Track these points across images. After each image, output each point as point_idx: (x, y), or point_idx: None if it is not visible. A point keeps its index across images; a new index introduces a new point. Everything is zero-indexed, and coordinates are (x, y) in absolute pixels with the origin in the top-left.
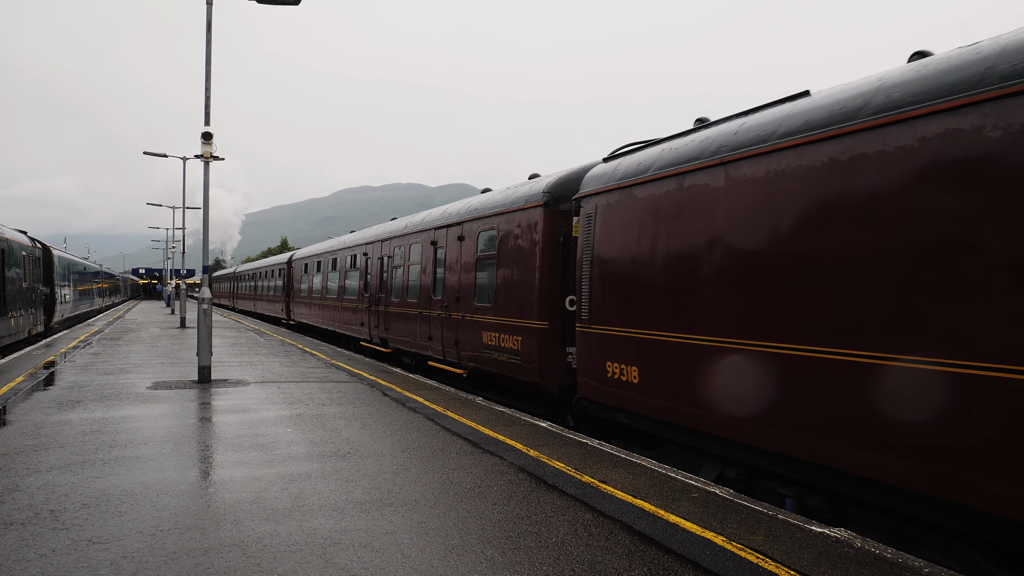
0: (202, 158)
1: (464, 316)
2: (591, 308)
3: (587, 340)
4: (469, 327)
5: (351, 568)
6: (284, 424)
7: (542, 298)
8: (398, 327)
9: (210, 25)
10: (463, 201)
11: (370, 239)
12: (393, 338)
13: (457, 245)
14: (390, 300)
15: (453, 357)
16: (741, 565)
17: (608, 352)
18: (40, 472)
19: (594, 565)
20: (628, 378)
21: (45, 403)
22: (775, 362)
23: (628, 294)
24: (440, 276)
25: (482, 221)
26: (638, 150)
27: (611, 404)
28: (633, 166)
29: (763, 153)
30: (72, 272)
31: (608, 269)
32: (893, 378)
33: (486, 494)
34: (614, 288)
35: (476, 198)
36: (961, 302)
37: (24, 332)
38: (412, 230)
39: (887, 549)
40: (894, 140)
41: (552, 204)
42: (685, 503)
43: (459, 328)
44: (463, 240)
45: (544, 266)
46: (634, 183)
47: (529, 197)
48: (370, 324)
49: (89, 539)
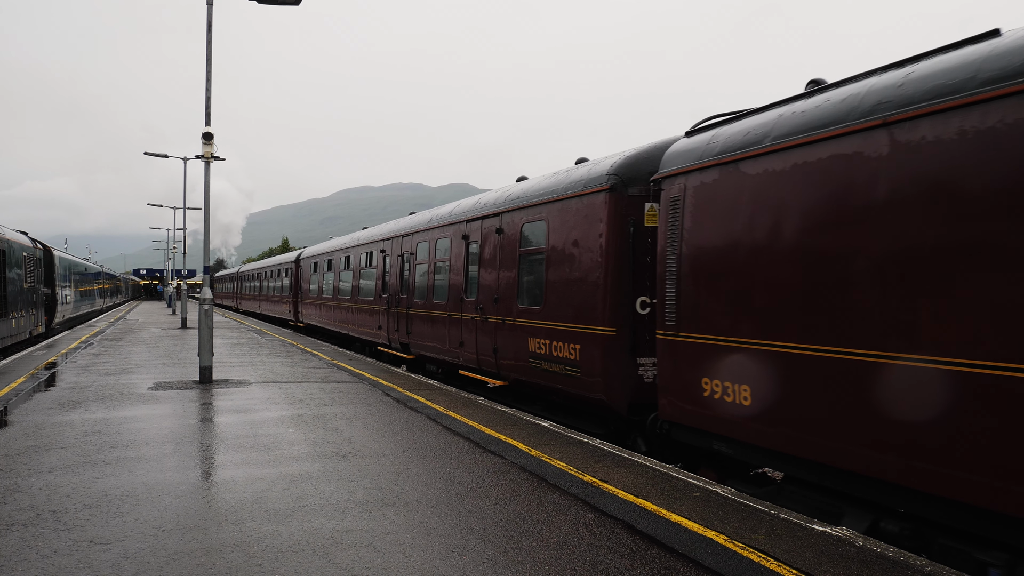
0: (203, 158)
1: (504, 320)
2: (679, 312)
3: (673, 351)
4: (511, 332)
5: (353, 568)
6: (286, 424)
7: (608, 300)
8: (422, 331)
9: (210, 25)
10: (499, 190)
11: (388, 234)
12: (416, 343)
13: (495, 239)
14: (412, 301)
15: (490, 366)
16: (743, 564)
17: (705, 366)
18: (42, 473)
19: (596, 564)
20: (735, 399)
21: (46, 404)
22: (985, 388)
23: (738, 295)
24: (473, 274)
25: (527, 211)
26: (730, 121)
27: (707, 429)
28: (738, 137)
29: (954, 107)
30: (73, 273)
31: (706, 264)
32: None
33: (488, 494)
34: (715, 287)
35: (516, 186)
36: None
37: (25, 333)
38: (439, 223)
39: (888, 548)
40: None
41: (619, 188)
42: (687, 502)
43: (498, 333)
44: (502, 233)
45: (611, 262)
46: (742, 156)
47: (589, 181)
48: (389, 327)
49: (91, 540)
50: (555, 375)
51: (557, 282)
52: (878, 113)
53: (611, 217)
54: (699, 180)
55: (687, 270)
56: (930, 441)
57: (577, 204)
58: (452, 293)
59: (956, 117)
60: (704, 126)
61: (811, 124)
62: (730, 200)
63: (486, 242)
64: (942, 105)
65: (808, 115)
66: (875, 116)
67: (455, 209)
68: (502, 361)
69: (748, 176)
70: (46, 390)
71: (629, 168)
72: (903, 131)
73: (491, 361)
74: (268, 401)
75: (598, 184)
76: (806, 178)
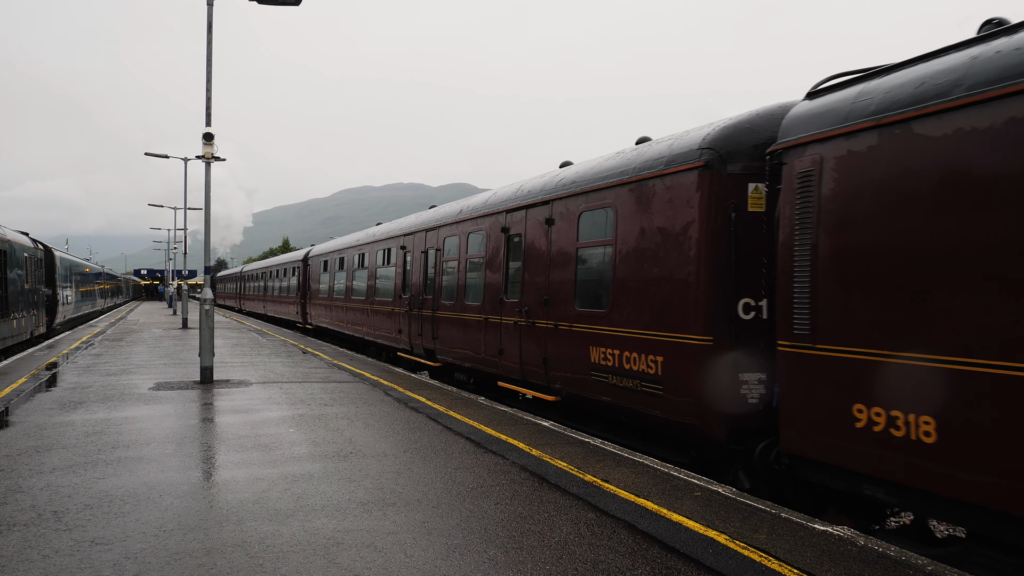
0: (203, 159)
1: (558, 325)
2: (817, 318)
3: (806, 368)
4: (566, 340)
5: (354, 568)
6: (286, 424)
7: (703, 302)
8: (451, 336)
9: (211, 26)
10: (545, 175)
11: (410, 229)
12: (444, 349)
13: (543, 231)
14: (439, 302)
15: (538, 378)
16: (744, 564)
17: (859, 389)
18: (43, 473)
19: (597, 564)
20: (910, 434)
21: (48, 404)
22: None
23: (921, 297)
24: (515, 272)
25: (586, 197)
26: (869, 78)
27: (857, 470)
28: (906, 90)
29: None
30: (74, 273)
31: (863, 255)
32: None
33: (489, 494)
34: (881, 286)
35: (567, 170)
36: None
37: (26, 334)
38: (470, 215)
39: (890, 547)
40: None
41: (716, 165)
42: (688, 502)
43: (548, 340)
44: (553, 224)
45: (706, 255)
46: (918, 114)
47: (674, 158)
48: (410, 331)
49: (92, 540)
50: (626, 392)
51: (629, 281)
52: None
53: (706, 200)
54: (845, 148)
55: (829, 264)
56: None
57: (657, 186)
58: (489, 293)
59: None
60: (833, 84)
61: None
62: (901, 171)
63: (531, 235)
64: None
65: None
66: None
67: (490, 199)
68: (554, 373)
69: (931, 140)
70: (47, 390)
71: (728, 140)
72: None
73: (539, 372)
74: (269, 401)
75: (687, 160)
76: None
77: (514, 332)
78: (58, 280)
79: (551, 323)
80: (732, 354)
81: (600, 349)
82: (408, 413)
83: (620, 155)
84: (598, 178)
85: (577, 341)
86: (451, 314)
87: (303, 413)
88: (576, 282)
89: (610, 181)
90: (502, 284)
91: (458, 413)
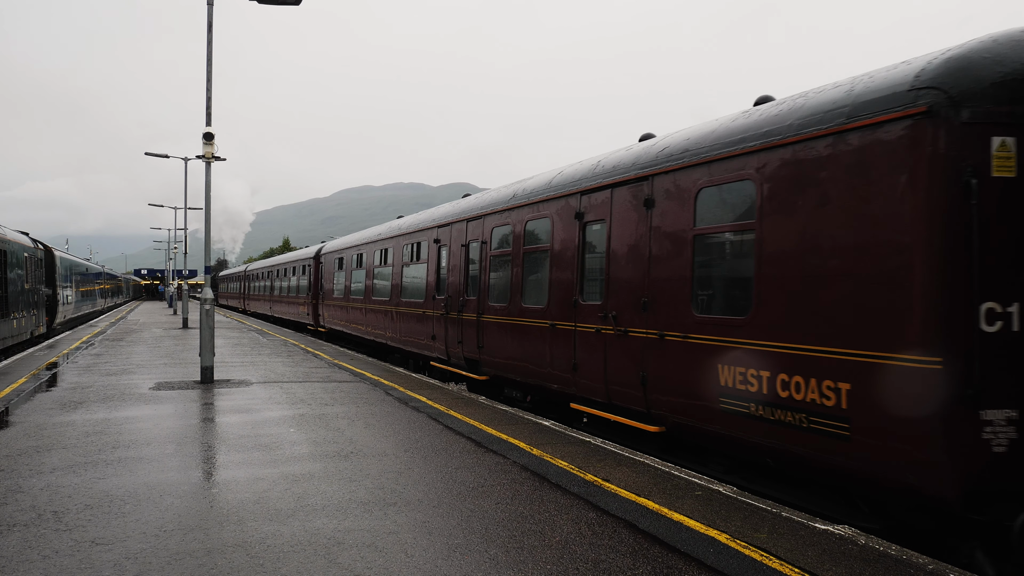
0: (203, 158)
1: (664, 335)
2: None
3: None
4: (679, 355)
5: (355, 568)
6: (287, 424)
7: (926, 308)
8: (502, 345)
9: (211, 25)
10: (632, 147)
11: (446, 219)
12: (492, 360)
13: (638, 216)
14: (486, 304)
15: (633, 402)
16: (745, 563)
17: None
18: (43, 473)
19: (598, 564)
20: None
21: (48, 404)
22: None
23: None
24: (594, 267)
25: (708, 168)
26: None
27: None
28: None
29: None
30: (74, 273)
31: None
32: None
33: (489, 493)
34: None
35: (669, 136)
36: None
37: (27, 334)
38: (528, 199)
39: (891, 546)
40: None
41: (945, 111)
42: (689, 501)
43: (649, 355)
44: (654, 206)
45: (929, 242)
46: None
47: (866, 104)
48: (447, 338)
49: (92, 540)
50: (783, 429)
51: (787, 277)
52: None
53: (929, 162)
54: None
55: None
56: None
57: (837, 147)
58: (556, 294)
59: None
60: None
61: None
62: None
63: (620, 220)
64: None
65: None
66: None
67: (555, 179)
68: (656, 396)
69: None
70: (48, 390)
71: (960, 75)
72: None
73: (635, 395)
74: (269, 401)
75: (892, 106)
76: None
77: (595, 343)
78: (58, 280)
79: (653, 332)
80: (970, 382)
81: (736, 369)
82: (409, 412)
83: (756, 112)
84: (729, 142)
85: (696, 357)
86: (502, 319)
87: (304, 413)
88: (693, 279)
89: (750, 145)
90: (575, 282)
91: (459, 413)
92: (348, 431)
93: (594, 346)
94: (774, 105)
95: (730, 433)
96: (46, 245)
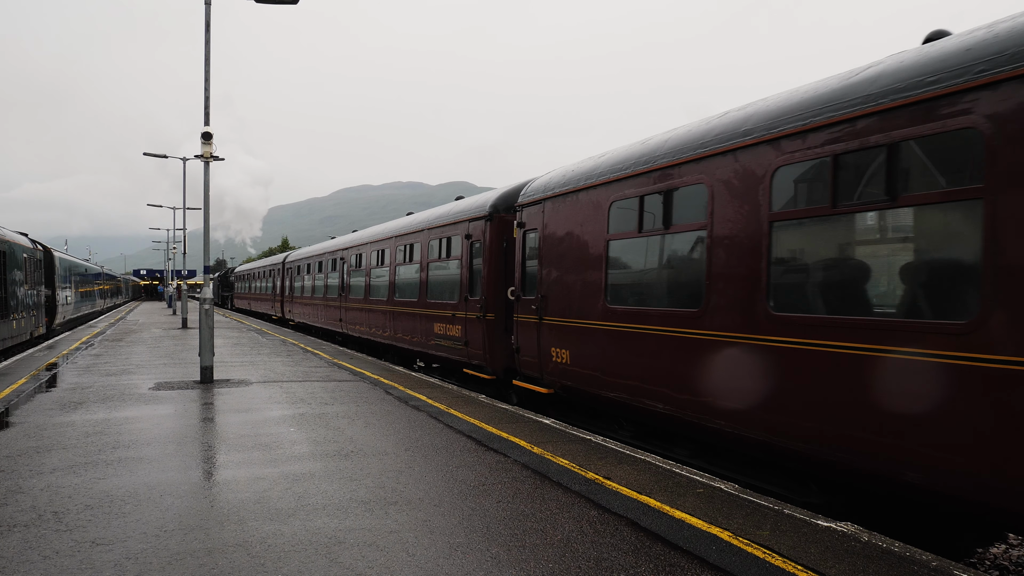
0: (202, 158)
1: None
2: None
3: None
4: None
5: (356, 567)
6: (287, 423)
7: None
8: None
9: (208, 25)
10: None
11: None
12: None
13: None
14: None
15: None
16: (748, 560)
17: None
18: (43, 474)
19: (600, 562)
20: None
21: (48, 405)
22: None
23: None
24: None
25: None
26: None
27: None
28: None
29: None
30: (73, 274)
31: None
32: None
33: (490, 492)
34: None
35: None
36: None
37: (26, 334)
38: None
39: (895, 543)
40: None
41: None
42: (691, 498)
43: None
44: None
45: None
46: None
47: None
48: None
49: (93, 540)
50: None
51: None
52: None
53: None
54: None
55: None
56: None
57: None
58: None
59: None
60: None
61: None
62: None
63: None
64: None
65: None
66: None
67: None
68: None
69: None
70: (47, 391)
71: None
72: None
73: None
74: (269, 400)
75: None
76: None
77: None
78: (57, 281)
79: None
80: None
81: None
82: (409, 411)
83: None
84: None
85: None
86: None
87: (304, 412)
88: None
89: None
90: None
91: (459, 411)
92: (348, 430)
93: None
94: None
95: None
96: (45, 246)
